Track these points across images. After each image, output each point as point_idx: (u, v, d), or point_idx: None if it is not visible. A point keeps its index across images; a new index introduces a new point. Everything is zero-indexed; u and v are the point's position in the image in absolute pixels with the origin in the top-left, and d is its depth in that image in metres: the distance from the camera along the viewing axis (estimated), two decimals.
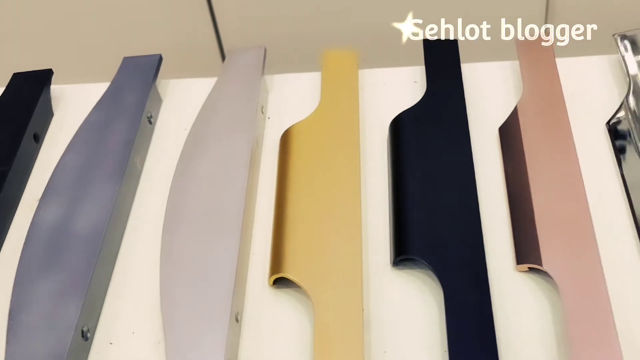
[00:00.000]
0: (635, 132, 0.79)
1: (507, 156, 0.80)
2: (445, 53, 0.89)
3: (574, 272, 0.68)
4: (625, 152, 0.79)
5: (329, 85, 0.87)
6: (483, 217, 0.75)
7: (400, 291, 0.71)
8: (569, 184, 0.74)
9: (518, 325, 0.68)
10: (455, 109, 0.83)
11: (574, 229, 0.71)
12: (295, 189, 0.77)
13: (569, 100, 0.86)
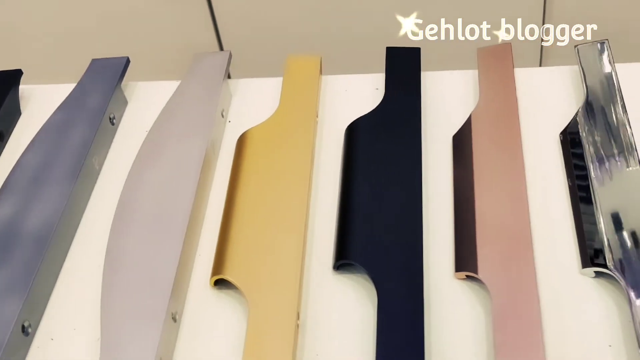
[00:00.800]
0: (586, 142, 0.80)
1: (457, 164, 0.81)
2: (407, 61, 0.90)
3: (507, 282, 0.69)
4: (575, 163, 0.79)
5: (289, 90, 0.88)
6: (429, 225, 0.77)
7: (339, 295, 0.72)
8: (513, 195, 0.75)
9: (451, 331, 0.69)
10: (410, 116, 0.84)
11: (512, 240, 0.72)
12: (244, 192, 0.78)
13: (527, 110, 0.87)
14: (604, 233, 0.72)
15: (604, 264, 0.70)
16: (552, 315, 0.69)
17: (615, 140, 0.79)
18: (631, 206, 0.73)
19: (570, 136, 0.82)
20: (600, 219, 0.73)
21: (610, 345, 0.67)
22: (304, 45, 1.47)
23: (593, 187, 0.76)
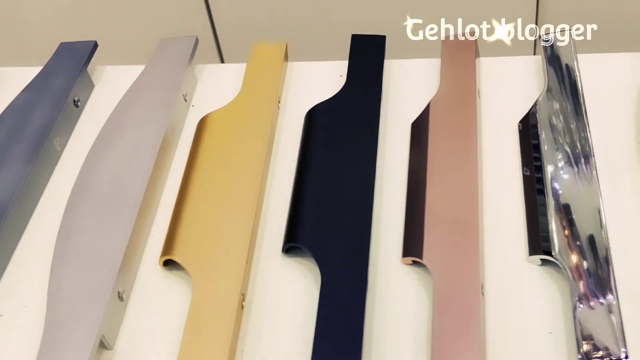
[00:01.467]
0: (542, 132, 0.80)
1: (413, 152, 0.81)
2: (371, 48, 0.91)
3: (450, 268, 0.69)
4: (530, 152, 0.80)
5: (252, 76, 0.89)
6: (381, 210, 0.78)
7: (287, 278, 0.73)
8: (463, 183, 0.76)
9: (395, 316, 0.70)
10: (369, 103, 0.85)
11: (459, 227, 0.72)
12: (199, 175, 0.79)
13: (490, 99, 0.88)
14: (552, 222, 0.72)
15: (549, 252, 0.71)
16: (495, 302, 0.70)
17: (570, 130, 0.79)
18: (579, 196, 0.74)
19: (527, 125, 0.82)
20: (550, 208, 0.73)
21: (551, 332, 0.67)
22: (292, 31, 1.47)
23: (545, 176, 0.76)
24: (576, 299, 0.66)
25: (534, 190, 0.76)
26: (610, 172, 0.79)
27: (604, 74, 0.89)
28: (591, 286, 0.67)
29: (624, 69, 0.89)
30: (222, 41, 1.54)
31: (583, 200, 0.73)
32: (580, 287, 0.67)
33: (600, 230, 0.71)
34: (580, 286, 0.67)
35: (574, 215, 0.72)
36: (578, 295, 0.66)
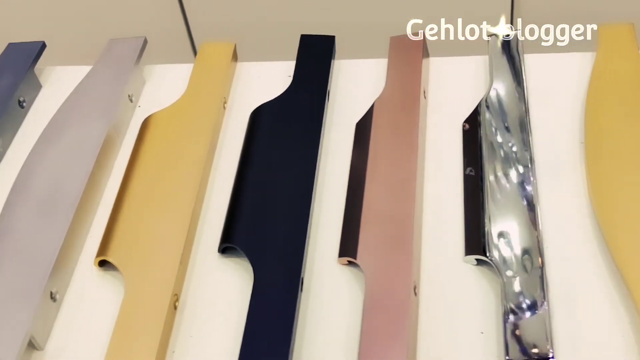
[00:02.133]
0: (484, 132, 0.80)
1: (355, 152, 0.81)
2: (319, 48, 0.91)
3: (382, 269, 0.69)
4: (473, 152, 0.80)
5: (198, 76, 0.89)
6: (321, 210, 0.78)
7: (223, 279, 0.74)
8: (402, 183, 0.76)
9: (329, 316, 0.70)
10: (314, 103, 0.85)
11: (395, 227, 0.72)
12: (138, 175, 0.79)
13: (437, 99, 0.88)
14: (488, 222, 0.72)
15: (484, 252, 0.71)
16: (429, 302, 0.70)
17: (511, 130, 0.80)
18: (517, 197, 0.74)
19: (472, 125, 0.83)
20: (487, 208, 0.74)
21: (482, 333, 0.67)
22: (265, 31, 1.48)
23: (484, 176, 0.76)
24: (506, 300, 0.66)
25: (475, 191, 0.77)
26: (552, 172, 0.79)
27: (553, 74, 0.89)
28: (522, 287, 0.67)
29: (572, 68, 0.89)
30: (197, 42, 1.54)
31: (520, 202, 0.74)
32: (511, 288, 0.67)
33: (535, 232, 0.71)
34: (511, 287, 0.67)
35: (510, 216, 0.73)
36: (508, 296, 0.67)
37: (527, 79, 0.88)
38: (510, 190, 0.75)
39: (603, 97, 0.82)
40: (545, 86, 0.88)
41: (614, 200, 0.73)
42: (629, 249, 0.69)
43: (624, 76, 0.83)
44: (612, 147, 0.77)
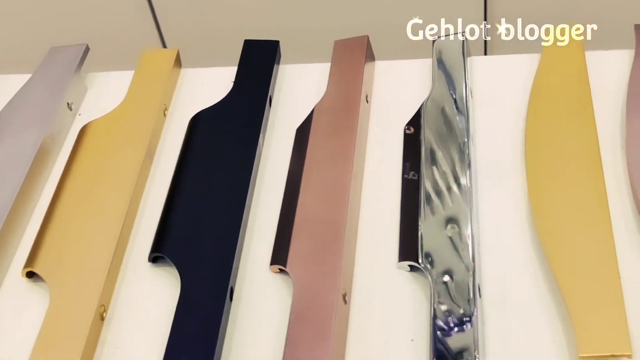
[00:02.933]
0: (423, 136, 0.79)
1: (293, 158, 0.81)
2: (263, 53, 0.91)
3: (311, 276, 0.69)
4: (412, 156, 0.79)
5: (138, 83, 0.89)
6: (256, 218, 0.77)
7: (153, 288, 0.73)
8: (336, 189, 0.75)
9: (258, 325, 0.69)
10: (254, 109, 0.85)
11: (326, 234, 0.72)
12: (72, 184, 0.79)
13: (381, 102, 0.87)
14: (422, 228, 0.72)
15: (417, 258, 0.70)
16: (361, 309, 0.70)
17: (450, 134, 0.79)
18: (451, 202, 0.73)
19: (415, 129, 0.82)
20: (423, 213, 0.73)
21: (413, 340, 0.67)
22: None
23: (422, 180, 0.76)
24: (435, 307, 0.66)
25: (414, 195, 0.76)
26: (493, 176, 0.79)
27: (501, 76, 0.89)
28: (452, 294, 0.66)
29: (520, 70, 0.88)
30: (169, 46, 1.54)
31: (456, 207, 0.73)
32: (440, 294, 0.66)
33: (469, 238, 0.70)
34: (440, 293, 0.67)
35: (445, 221, 0.72)
36: (437, 302, 0.66)
37: (475, 81, 0.88)
38: (446, 195, 0.74)
39: (545, 100, 0.81)
40: (492, 89, 0.87)
41: (550, 205, 0.72)
42: (563, 255, 0.68)
43: (567, 78, 0.83)
44: (551, 150, 0.77)
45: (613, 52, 0.88)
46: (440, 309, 0.66)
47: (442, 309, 0.65)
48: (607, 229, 0.69)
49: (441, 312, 0.65)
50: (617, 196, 0.75)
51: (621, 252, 0.70)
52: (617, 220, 0.72)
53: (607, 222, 0.70)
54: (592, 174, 0.74)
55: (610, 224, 0.70)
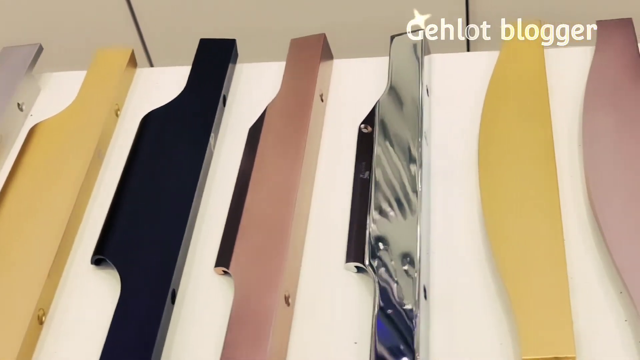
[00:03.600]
0: (376, 135, 0.78)
1: (243, 158, 0.80)
2: (218, 52, 0.90)
3: (253, 278, 0.68)
4: (365, 155, 0.78)
5: (90, 83, 0.88)
6: (205, 219, 0.76)
7: (95, 291, 0.72)
8: (283, 190, 0.74)
9: (201, 328, 0.69)
10: (206, 109, 0.84)
11: (272, 235, 0.71)
12: (16, 185, 0.78)
13: (338, 101, 0.87)
14: (370, 228, 0.70)
15: (363, 259, 0.69)
16: (306, 312, 0.69)
17: (402, 134, 0.78)
18: (400, 202, 0.72)
19: (370, 128, 0.81)
20: (371, 214, 0.72)
21: (356, 343, 0.66)
22: None
23: (372, 181, 0.74)
24: (378, 309, 0.64)
25: (365, 195, 0.75)
26: (446, 175, 0.77)
27: (460, 73, 0.88)
28: (396, 296, 0.65)
29: (480, 67, 0.87)
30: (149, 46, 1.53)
31: (405, 207, 0.72)
32: (384, 296, 0.65)
33: (417, 238, 0.69)
34: (384, 295, 0.65)
35: (394, 222, 0.71)
36: (380, 304, 0.65)
37: (434, 78, 0.87)
38: (396, 195, 0.73)
39: (500, 98, 0.80)
40: (451, 86, 0.86)
41: (501, 204, 0.71)
42: (511, 255, 0.67)
43: (525, 75, 0.82)
44: (504, 149, 0.76)
45: (574, 49, 0.88)
46: (382, 311, 0.64)
47: (384, 311, 0.64)
48: (557, 229, 0.68)
49: (384, 314, 0.64)
50: (572, 195, 0.74)
51: (573, 251, 0.69)
52: (570, 219, 0.71)
53: (557, 222, 0.69)
54: (545, 173, 0.73)
55: (561, 224, 0.69)
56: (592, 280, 0.67)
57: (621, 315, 0.65)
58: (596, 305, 0.66)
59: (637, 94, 0.78)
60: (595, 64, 0.82)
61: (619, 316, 0.65)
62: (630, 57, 0.82)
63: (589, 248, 0.70)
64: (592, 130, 0.76)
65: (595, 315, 0.65)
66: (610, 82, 0.80)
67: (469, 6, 1.47)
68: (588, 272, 0.68)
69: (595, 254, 0.69)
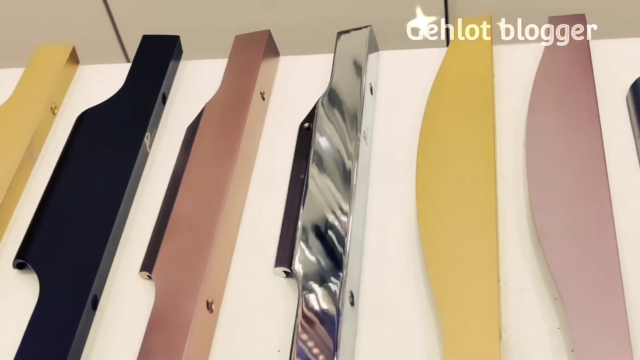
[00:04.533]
0: (315, 135, 0.76)
1: (178, 159, 0.78)
2: (160, 49, 0.88)
3: (174, 284, 0.66)
4: (302, 156, 0.76)
5: (26, 80, 0.87)
6: (135, 223, 0.75)
7: (16, 296, 0.70)
8: (213, 192, 0.72)
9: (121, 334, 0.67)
10: (142, 107, 0.82)
11: (198, 239, 0.69)
12: None
13: (279, 100, 0.85)
14: (300, 232, 0.68)
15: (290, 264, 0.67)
16: (231, 318, 0.67)
17: (341, 134, 0.76)
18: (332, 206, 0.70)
19: (307, 128, 0.79)
20: (302, 217, 0.70)
21: (279, 350, 0.64)
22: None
23: (306, 183, 0.72)
24: (300, 315, 0.63)
25: (293, 199, 0.73)
26: (385, 175, 0.76)
27: (408, 71, 0.86)
28: (319, 302, 0.63)
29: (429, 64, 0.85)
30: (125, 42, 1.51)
31: (338, 209, 0.70)
32: (307, 303, 0.63)
33: (347, 242, 0.67)
34: (307, 301, 0.64)
35: (323, 225, 0.69)
36: (303, 311, 0.63)
37: (382, 76, 0.85)
38: (329, 197, 0.71)
39: (444, 97, 0.78)
40: (398, 84, 0.85)
41: (436, 208, 0.70)
42: (441, 261, 0.66)
43: (470, 74, 0.80)
44: (444, 150, 0.74)
45: (524, 46, 0.86)
46: (305, 318, 0.63)
47: (306, 318, 0.62)
48: (491, 234, 0.66)
49: (305, 321, 0.62)
50: (512, 198, 0.72)
51: (510, 256, 0.68)
52: (509, 223, 0.70)
53: (492, 228, 0.67)
54: (484, 175, 0.71)
55: (495, 229, 0.67)
56: (527, 286, 0.66)
57: (554, 323, 0.63)
58: (529, 312, 0.64)
59: (584, 92, 0.76)
60: (544, 61, 0.80)
61: (553, 323, 0.63)
62: (580, 53, 0.80)
63: (527, 253, 0.68)
64: (535, 130, 0.74)
65: (528, 322, 0.63)
66: (557, 80, 0.78)
67: (448, 5, 1.45)
68: (523, 278, 0.66)
69: (532, 258, 0.67)
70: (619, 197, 0.69)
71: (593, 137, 0.72)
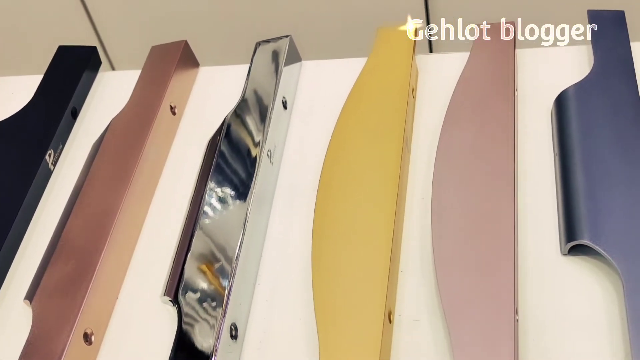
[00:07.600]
0: (219, 152, 0.74)
1: (79, 178, 0.76)
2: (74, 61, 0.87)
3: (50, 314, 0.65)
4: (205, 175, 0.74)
5: None
6: (29, 246, 0.74)
7: None
8: (103, 215, 0.70)
9: None
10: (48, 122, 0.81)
11: (79, 267, 0.67)
12: None
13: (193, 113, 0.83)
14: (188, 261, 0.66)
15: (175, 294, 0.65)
16: (111, 350, 0.66)
17: (243, 153, 0.73)
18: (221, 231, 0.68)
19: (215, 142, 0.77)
20: (192, 242, 0.68)
21: None
22: None
23: (202, 207, 0.70)
24: (175, 349, 0.61)
25: (189, 217, 0.71)
26: (289, 197, 0.74)
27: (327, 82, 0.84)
28: (196, 334, 0.62)
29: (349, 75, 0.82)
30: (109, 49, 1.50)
31: (227, 235, 0.67)
32: (183, 335, 0.62)
33: (229, 273, 0.65)
34: (185, 334, 0.62)
35: (212, 251, 0.67)
36: (178, 345, 0.61)
37: (301, 87, 0.83)
38: (221, 224, 0.69)
39: (355, 111, 0.76)
40: (316, 96, 0.82)
41: (330, 234, 0.67)
42: (328, 292, 0.63)
43: (385, 86, 0.77)
44: (347, 170, 0.71)
45: (452, 55, 0.83)
46: (181, 351, 0.61)
47: (183, 352, 0.61)
48: (383, 264, 0.63)
49: (182, 355, 0.61)
50: (418, 220, 0.69)
51: (408, 286, 0.65)
52: (412, 248, 0.67)
53: (385, 257, 0.64)
54: (385, 199, 0.68)
55: (388, 257, 0.64)
56: (422, 319, 0.63)
57: (446, 356, 0.60)
58: (419, 347, 0.62)
59: (500, 105, 0.73)
60: (464, 72, 0.77)
61: (444, 356, 0.61)
62: (503, 64, 0.77)
63: (427, 281, 0.65)
64: (446, 147, 0.72)
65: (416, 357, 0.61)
66: (475, 93, 0.75)
67: (429, 6, 1.43)
68: (419, 309, 0.64)
69: (432, 287, 0.65)
70: (528, 221, 0.67)
71: (505, 157, 0.69)
